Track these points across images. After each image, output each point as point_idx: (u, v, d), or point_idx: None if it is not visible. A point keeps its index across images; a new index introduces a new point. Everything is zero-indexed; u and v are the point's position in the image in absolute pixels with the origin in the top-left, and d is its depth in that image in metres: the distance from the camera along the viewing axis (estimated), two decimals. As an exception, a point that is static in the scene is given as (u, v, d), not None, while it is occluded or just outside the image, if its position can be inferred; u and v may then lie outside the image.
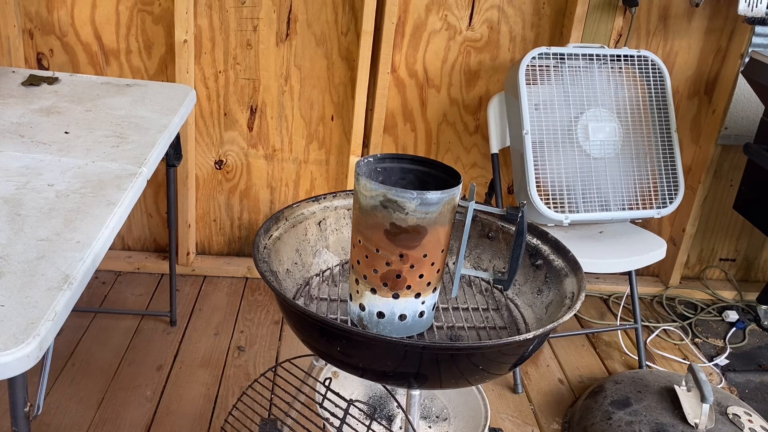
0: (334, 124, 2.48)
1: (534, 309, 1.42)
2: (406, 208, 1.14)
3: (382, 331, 1.27)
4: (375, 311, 1.25)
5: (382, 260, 1.20)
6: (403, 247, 1.18)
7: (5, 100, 1.77)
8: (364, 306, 1.26)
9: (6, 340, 0.91)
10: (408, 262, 1.19)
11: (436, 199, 1.15)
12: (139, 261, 2.57)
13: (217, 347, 2.24)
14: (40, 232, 1.18)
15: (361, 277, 1.24)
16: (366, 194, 1.17)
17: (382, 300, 1.24)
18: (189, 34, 2.23)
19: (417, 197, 1.14)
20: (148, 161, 1.51)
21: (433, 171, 1.28)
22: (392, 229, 1.17)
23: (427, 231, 1.17)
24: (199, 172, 2.51)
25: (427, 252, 1.20)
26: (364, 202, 1.18)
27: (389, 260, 1.19)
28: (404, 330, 1.27)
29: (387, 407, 1.67)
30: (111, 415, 1.92)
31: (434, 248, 1.20)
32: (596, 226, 2.24)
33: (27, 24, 2.25)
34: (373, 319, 1.26)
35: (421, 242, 1.18)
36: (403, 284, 1.22)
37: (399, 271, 1.20)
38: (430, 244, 1.19)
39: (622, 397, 1.99)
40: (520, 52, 2.41)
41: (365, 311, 1.27)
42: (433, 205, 1.15)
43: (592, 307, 2.67)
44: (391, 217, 1.16)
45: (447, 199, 1.16)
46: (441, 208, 1.17)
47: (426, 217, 1.16)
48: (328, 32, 2.34)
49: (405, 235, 1.17)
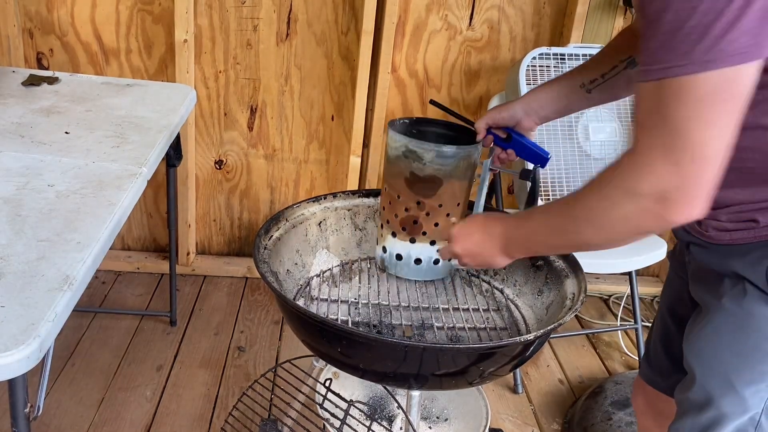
0: (335, 124, 2.48)
1: (534, 310, 1.41)
2: (424, 158, 1.28)
3: (399, 273, 1.43)
4: (394, 253, 1.40)
5: (402, 206, 1.35)
6: (421, 195, 1.32)
7: (5, 100, 1.76)
8: (386, 248, 1.41)
9: (6, 341, 0.91)
10: (425, 209, 1.33)
11: (451, 153, 1.28)
12: (139, 261, 2.57)
13: (217, 347, 2.24)
14: (41, 233, 1.17)
15: (385, 222, 1.40)
16: (392, 145, 1.33)
17: (400, 243, 1.39)
18: (189, 34, 2.23)
19: (434, 149, 1.27)
20: (149, 161, 1.50)
21: (463, 136, 1.38)
22: (411, 177, 1.31)
23: (442, 182, 1.30)
24: (199, 172, 2.51)
25: (443, 202, 1.33)
26: (390, 152, 1.34)
27: (408, 206, 1.34)
28: (419, 273, 1.41)
29: (387, 408, 1.67)
30: (111, 415, 1.92)
31: (450, 200, 1.33)
32: (596, 226, 2.24)
33: (27, 23, 2.25)
34: (392, 261, 1.41)
35: (437, 192, 1.31)
36: (419, 230, 1.36)
37: (416, 217, 1.35)
38: (446, 195, 1.32)
39: (622, 398, 1.99)
40: (520, 52, 2.41)
41: (386, 253, 1.42)
42: (449, 158, 1.28)
43: (592, 308, 2.66)
44: (411, 167, 1.30)
45: (463, 155, 1.29)
46: (457, 162, 1.29)
47: (442, 169, 1.29)
48: (328, 32, 2.34)
49: (422, 184, 1.31)
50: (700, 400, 1.05)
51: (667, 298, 1.28)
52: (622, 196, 0.86)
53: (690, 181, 0.81)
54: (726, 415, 1.03)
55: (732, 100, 0.78)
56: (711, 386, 1.04)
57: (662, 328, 1.29)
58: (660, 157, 0.81)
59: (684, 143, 0.79)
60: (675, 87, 0.79)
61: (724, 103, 0.78)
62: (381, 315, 1.36)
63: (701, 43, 0.76)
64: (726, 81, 0.77)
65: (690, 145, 0.79)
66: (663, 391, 1.29)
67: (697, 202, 0.82)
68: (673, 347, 1.23)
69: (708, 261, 1.05)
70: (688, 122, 0.79)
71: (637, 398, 1.42)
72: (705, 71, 0.77)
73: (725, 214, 0.99)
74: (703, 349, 1.06)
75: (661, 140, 0.81)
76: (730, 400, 1.02)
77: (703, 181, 0.81)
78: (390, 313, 1.37)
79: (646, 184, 0.83)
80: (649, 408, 1.38)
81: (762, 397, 1.02)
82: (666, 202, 0.82)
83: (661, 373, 1.30)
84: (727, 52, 0.76)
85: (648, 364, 1.34)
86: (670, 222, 0.84)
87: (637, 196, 0.84)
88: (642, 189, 0.83)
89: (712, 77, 0.77)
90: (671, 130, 0.80)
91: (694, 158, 0.80)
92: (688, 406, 1.08)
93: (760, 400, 1.02)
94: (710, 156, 0.80)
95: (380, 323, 1.34)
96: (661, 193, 0.82)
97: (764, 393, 1.02)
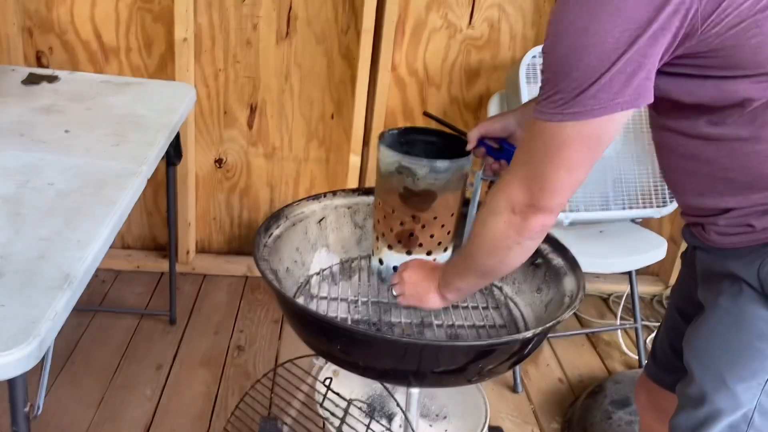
0: (334, 123, 2.48)
1: (533, 308, 1.42)
2: (417, 173, 1.28)
3: None
4: (391, 265, 1.39)
5: (396, 220, 1.35)
6: (415, 209, 1.32)
7: (5, 99, 1.76)
8: (383, 260, 1.41)
9: (6, 340, 0.91)
10: (420, 222, 1.33)
11: (444, 167, 1.28)
12: (138, 259, 2.57)
13: (216, 346, 2.24)
14: (41, 232, 1.17)
15: (381, 235, 1.39)
16: (384, 161, 1.32)
17: (397, 255, 1.38)
18: (189, 32, 2.23)
19: (427, 164, 1.27)
20: (148, 160, 1.50)
21: (452, 144, 1.39)
22: (405, 192, 1.31)
23: (437, 196, 1.30)
24: (199, 171, 2.51)
25: (438, 215, 1.33)
26: (383, 168, 1.33)
27: (403, 220, 1.34)
28: None
29: (386, 406, 1.68)
30: (111, 415, 1.92)
31: (444, 212, 1.33)
32: (596, 225, 2.24)
33: (26, 22, 2.25)
34: (389, 273, 1.40)
35: (432, 205, 1.31)
36: (415, 242, 1.36)
37: (412, 230, 1.34)
38: (440, 208, 1.32)
39: (622, 397, 1.99)
40: (520, 50, 2.41)
41: (383, 265, 1.41)
42: (442, 172, 1.28)
43: (592, 307, 2.66)
44: (405, 182, 1.30)
45: (455, 168, 1.29)
46: (450, 176, 1.29)
47: (436, 183, 1.29)
48: (328, 30, 2.34)
49: (417, 198, 1.30)
50: (696, 395, 1.07)
51: (678, 296, 1.31)
52: (489, 215, 1.04)
53: (535, 201, 0.97)
54: (720, 410, 1.05)
55: (589, 146, 0.92)
56: (705, 382, 1.06)
57: (671, 326, 1.31)
58: (518, 180, 0.98)
59: (536, 174, 0.95)
60: (541, 129, 0.93)
61: (580, 148, 0.92)
62: (380, 313, 1.36)
63: (567, 97, 0.88)
64: (582, 131, 0.90)
65: (541, 177, 0.95)
66: (667, 388, 1.31)
67: (541, 217, 0.99)
68: (681, 345, 1.24)
69: (711, 263, 1.09)
70: (545, 160, 0.94)
71: (640, 395, 1.43)
72: (568, 121, 0.89)
73: (723, 220, 1.03)
74: (699, 346, 1.09)
75: (522, 172, 0.98)
76: (722, 396, 1.04)
77: (548, 204, 0.98)
78: (389, 310, 1.37)
79: (503, 202, 1.01)
80: (651, 405, 1.39)
81: (754, 394, 1.03)
82: (519, 214, 0.99)
83: (667, 370, 1.32)
84: (588, 107, 0.87)
85: (654, 361, 1.36)
86: (527, 229, 1.00)
87: (498, 213, 1.02)
88: (500, 206, 1.01)
89: (574, 126, 0.90)
90: (530, 163, 0.96)
91: (542, 188, 0.96)
92: (685, 401, 1.11)
93: (752, 396, 1.03)
94: (556, 189, 0.95)
95: (380, 321, 1.34)
96: (513, 206, 0.99)
97: (756, 390, 1.03)
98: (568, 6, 0.88)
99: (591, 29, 0.85)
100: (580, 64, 0.86)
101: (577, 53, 0.86)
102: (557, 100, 0.89)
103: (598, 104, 0.87)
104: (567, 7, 0.88)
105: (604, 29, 0.84)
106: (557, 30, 0.89)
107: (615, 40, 0.84)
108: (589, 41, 0.85)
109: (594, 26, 0.85)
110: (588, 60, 0.86)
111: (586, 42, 0.85)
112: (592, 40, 0.85)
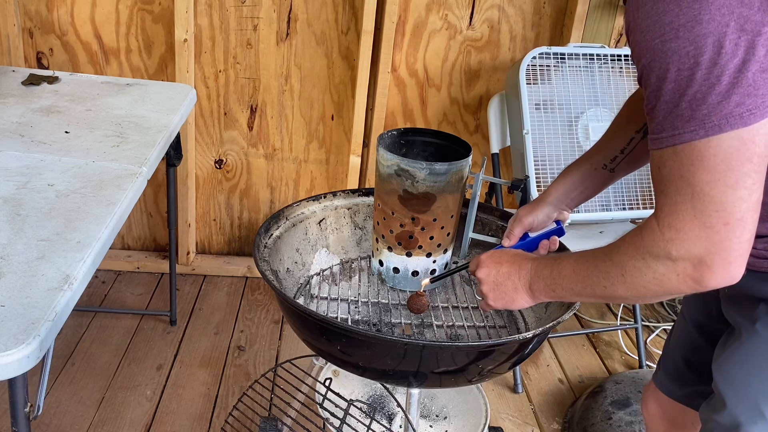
0: (335, 124, 2.48)
1: (533, 308, 1.42)
2: (416, 176, 1.28)
3: (397, 285, 1.42)
4: (391, 266, 1.40)
5: (396, 222, 1.35)
6: (415, 211, 1.32)
7: (5, 100, 1.76)
8: (383, 262, 1.41)
9: (6, 340, 0.91)
10: (419, 224, 1.33)
11: (443, 170, 1.28)
12: (139, 260, 2.57)
13: (217, 347, 2.24)
14: (41, 232, 1.18)
15: (380, 237, 1.39)
16: (383, 163, 1.32)
17: (397, 257, 1.39)
18: (189, 33, 2.23)
19: (426, 167, 1.27)
20: (149, 161, 1.50)
21: (450, 144, 1.39)
22: (405, 194, 1.31)
23: (436, 198, 1.30)
24: (199, 172, 2.51)
25: (437, 216, 1.33)
26: (382, 170, 1.33)
27: (402, 222, 1.34)
28: (417, 285, 1.39)
29: (387, 407, 1.68)
30: (111, 415, 1.92)
31: (443, 214, 1.33)
32: (596, 226, 2.24)
33: (27, 23, 2.25)
34: (389, 274, 1.41)
35: (431, 207, 1.31)
36: (415, 244, 1.36)
37: (411, 232, 1.35)
38: (440, 210, 1.32)
39: (622, 397, 1.99)
40: (520, 51, 2.41)
41: (383, 266, 1.41)
42: (441, 175, 1.28)
43: (592, 307, 2.66)
44: (404, 185, 1.30)
45: (454, 170, 1.29)
46: (449, 178, 1.29)
47: (435, 185, 1.29)
48: (328, 31, 2.34)
49: (416, 201, 1.30)
50: (729, 424, 1.04)
51: (695, 309, 1.26)
52: (654, 260, 0.86)
53: (725, 244, 0.81)
54: None
55: (751, 159, 0.78)
56: (739, 412, 1.02)
57: (684, 339, 1.27)
58: (689, 221, 0.81)
59: (715, 207, 0.79)
60: (690, 152, 0.79)
61: (744, 163, 0.78)
62: (381, 313, 1.36)
63: (703, 107, 0.77)
64: (741, 142, 0.77)
65: (721, 208, 0.79)
66: (678, 400, 1.28)
67: (733, 266, 0.82)
68: (700, 360, 1.21)
69: (745, 285, 1.02)
70: (713, 186, 0.79)
71: (648, 405, 1.39)
72: (717, 134, 0.77)
73: (762, 243, 0.98)
74: (734, 373, 1.04)
75: (688, 204, 0.81)
76: (759, 428, 1.01)
77: (738, 243, 0.81)
78: (390, 311, 1.37)
79: (682, 250, 0.83)
80: (662, 416, 1.36)
81: None
82: (701, 267, 0.82)
83: (678, 383, 1.28)
84: (734, 114, 0.77)
85: (665, 372, 1.32)
86: (705, 287, 0.84)
87: (670, 260, 0.84)
88: (677, 254, 0.83)
89: (725, 140, 0.77)
90: (697, 193, 0.80)
91: (727, 221, 0.80)
92: (713, 427, 1.06)
93: None
94: (742, 218, 0.80)
95: (380, 321, 1.34)
96: (696, 258, 0.82)
97: None
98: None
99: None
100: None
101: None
102: (693, 115, 0.79)
103: (747, 109, 0.78)
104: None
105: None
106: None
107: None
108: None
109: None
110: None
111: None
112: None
